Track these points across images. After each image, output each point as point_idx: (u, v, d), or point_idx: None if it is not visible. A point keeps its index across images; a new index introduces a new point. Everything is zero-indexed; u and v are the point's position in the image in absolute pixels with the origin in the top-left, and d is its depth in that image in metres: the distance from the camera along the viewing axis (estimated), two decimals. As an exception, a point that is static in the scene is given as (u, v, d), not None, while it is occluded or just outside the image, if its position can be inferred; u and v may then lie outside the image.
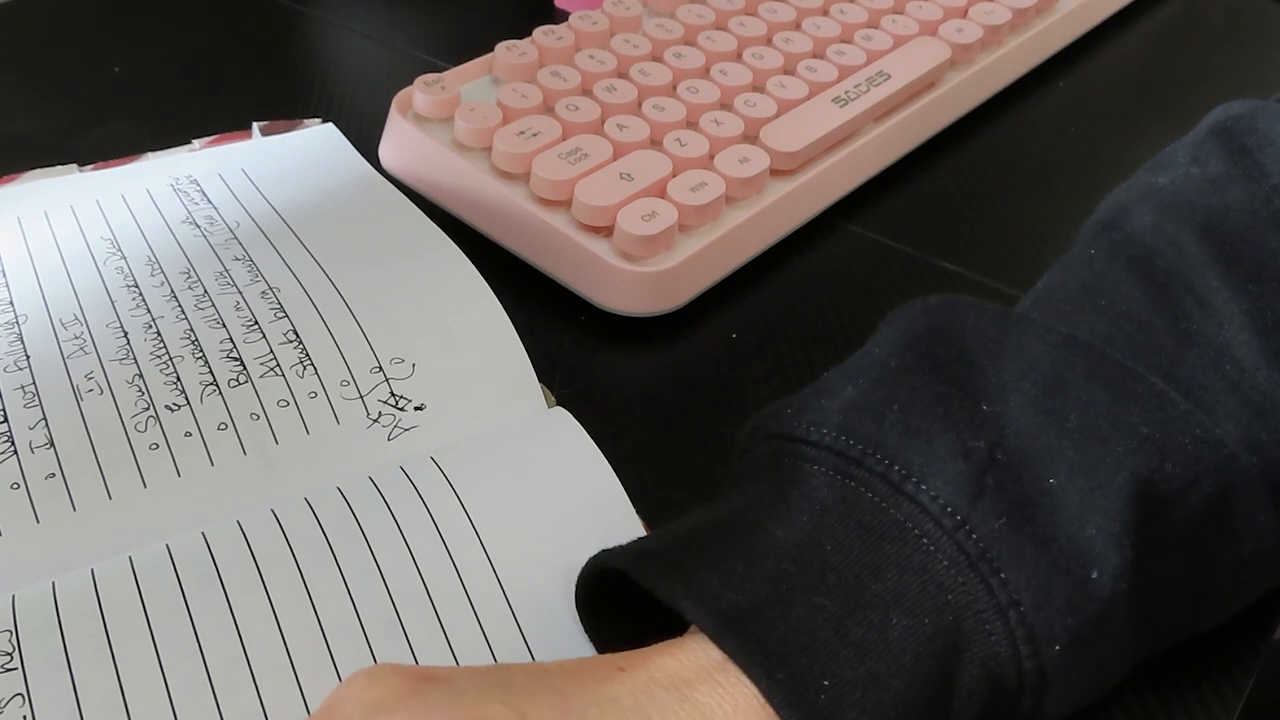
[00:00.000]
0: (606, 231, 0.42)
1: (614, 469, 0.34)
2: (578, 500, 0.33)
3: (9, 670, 0.28)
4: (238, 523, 0.32)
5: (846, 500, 0.27)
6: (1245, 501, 0.28)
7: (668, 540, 0.27)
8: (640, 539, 0.28)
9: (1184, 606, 0.29)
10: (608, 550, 0.28)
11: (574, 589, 0.29)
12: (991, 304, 0.32)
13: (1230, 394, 0.29)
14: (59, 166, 0.46)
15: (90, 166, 0.46)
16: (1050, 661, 0.26)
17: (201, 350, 0.37)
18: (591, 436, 0.35)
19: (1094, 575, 0.26)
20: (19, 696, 0.27)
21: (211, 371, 0.36)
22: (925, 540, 0.26)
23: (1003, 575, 0.26)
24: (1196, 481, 0.28)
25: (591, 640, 0.30)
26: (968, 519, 0.26)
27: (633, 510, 0.33)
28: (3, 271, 0.40)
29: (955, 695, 0.26)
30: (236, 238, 0.42)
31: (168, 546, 0.31)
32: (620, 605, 0.29)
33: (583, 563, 0.29)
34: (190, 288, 0.39)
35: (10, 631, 0.29)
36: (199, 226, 0.42)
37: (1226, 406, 0.29)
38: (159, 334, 0.37)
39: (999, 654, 0.26)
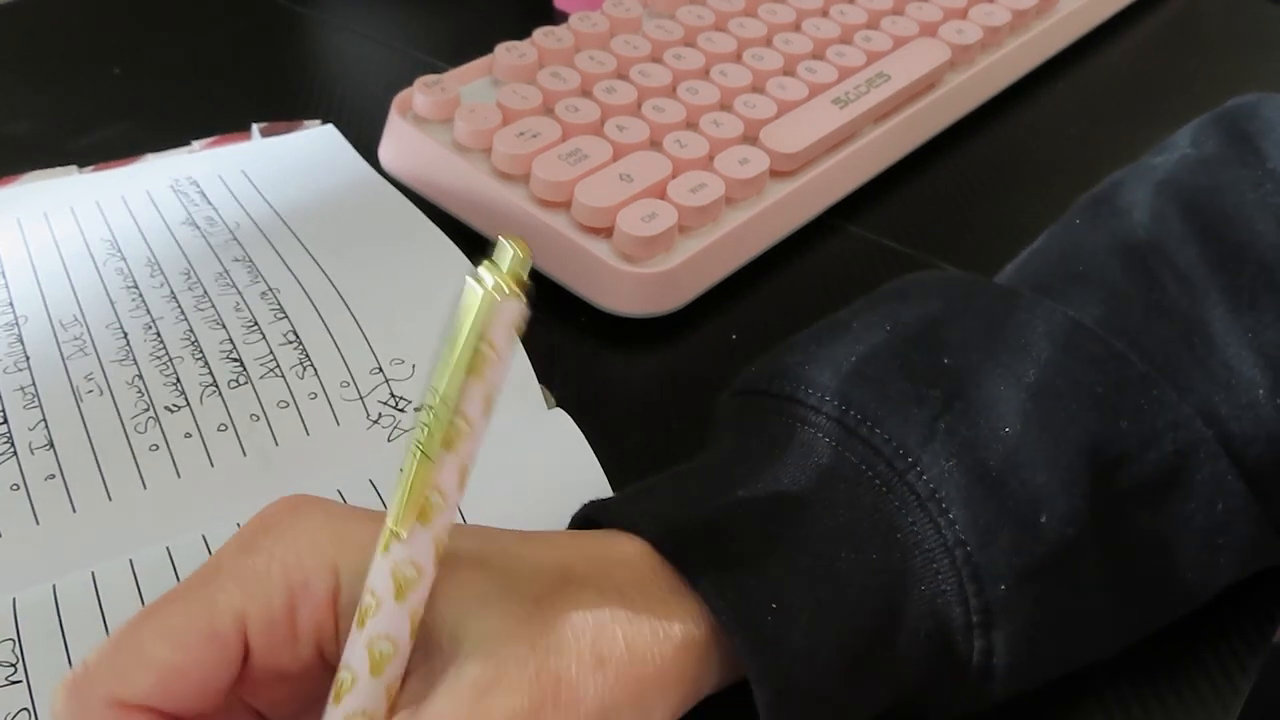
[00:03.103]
0: (606, 232, 0.42)
1: (613, 470, 0.34)
2: (570, 504, 0.33)
3: (14, 683, 0.28)
4: (238, 524, 0.32)
5: (805, 444, 0.28)
6: (1210, 462, 0.29)
7: (630, 488, 0.29)
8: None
9: (1164, 574, 0.30)
10: (578, 510, 0.29)
11: None
12: (958, 271, 0.32)
13: (1196, 367, 0.30)
14: (59, 168, 0.46)
15: (90, 168, 0.46)
16: (996, 600, 0.27)
17: (201, 351, 0.37)
18: (591, 437, 0.35)
19: (1042, 519, 0.27)
20: (25, 711, 0.27)
21: (211, 372, 0.36)
22: (877, 481, 0.27)
23: (950, 515, 0.27)
24: (1155, 439, 0.28)
25: None
26: (919, 460, 0.27)
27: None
28: (3, 273, 0.40)
29: (902, 629, 0.27)
30: (236, 239, 0.42)
31: (168, 548, 0.31)
32: None
33: None
34: (190, 289, 0.39)
35: (13, 640, 0.29)
36: (199, 228, 0.42)
37: (1190, 378, 0.29)
38: (159, 335, 0.37)
39: (945, 591, 0.27)
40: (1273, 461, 0.30)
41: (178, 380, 0.36)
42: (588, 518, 0.28)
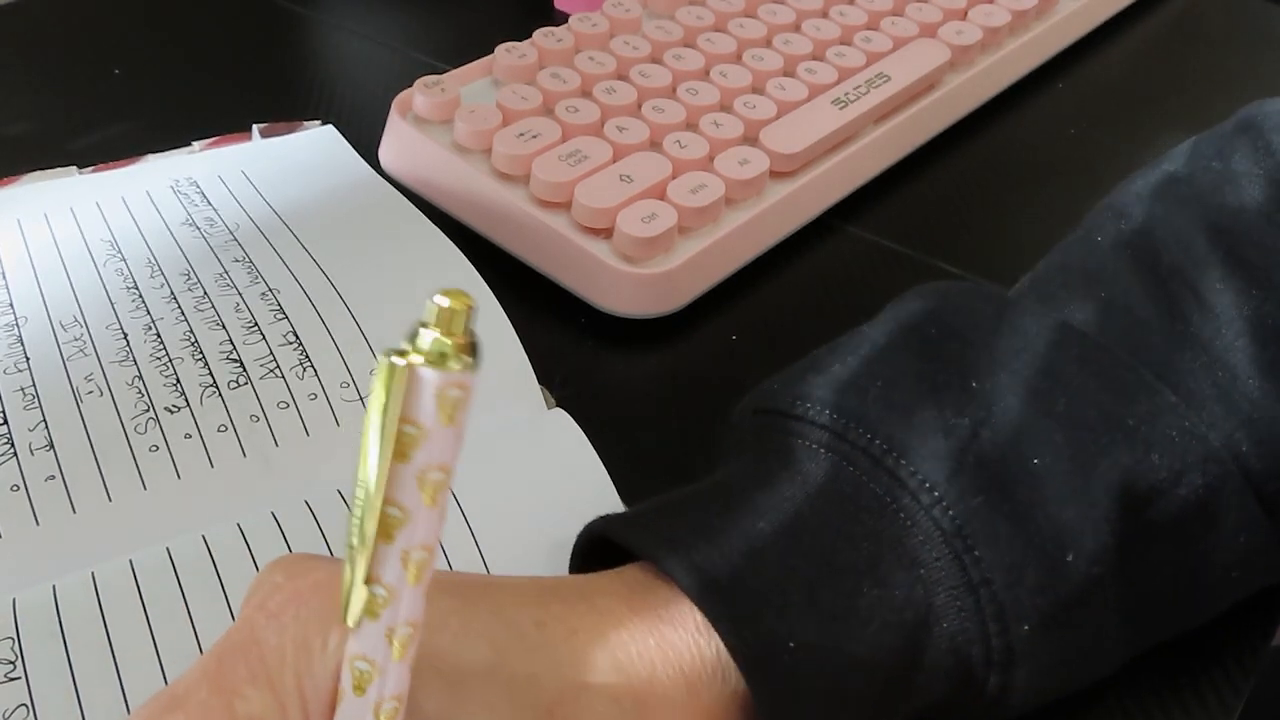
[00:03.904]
0: (606, 233, 0.42)
1: (613, 470, 0.34)
2: (572, 504, 0.33)
3: (12, 680, 0.28)
4: (238, 525, 0.32)
5: (828, 473, 0.27)
6: (1236, 497, 0.28)
7: (648, 505, 0.28)
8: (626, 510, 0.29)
9: (1178, 602, 0.29)
10: (590, 522, 0.28)
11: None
12: (987, 287, 0.32)
13: (1218, 401, 0.29)
14: (59, 168, 0.46)
15: (90, 168, 0.46)
16: (1019, 640, 0.26)
17: (201, 352, 0.37)
18: (591, 438, 0.35)
19: (1069, 558, 0.26)
20: (23, 707, 0.27)
21: (211, 373, 0.36)
22: (902, 515, 0.27)
23: (976, 552, 0.26)
24: (1184, 474, 0.28)
25: None
26: (945, 495, 0.27)
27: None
28: (3, 273, 0.40)
29: (921, 668, 0.26)
30: (236, 239, 0.42)
31: (168, 549, 0.31)
32: None
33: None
34: (190, 289, 0.39)
35: (12, 639, 0.29)
36: (199, 228, 0.42)
37: (1212, 413, 0.29)
38: (159, 335, 0.37)
39: (967, 629, 0.26)
40: None
41: (178, 381, 0.36)
42: (602, 534, 0.28)
